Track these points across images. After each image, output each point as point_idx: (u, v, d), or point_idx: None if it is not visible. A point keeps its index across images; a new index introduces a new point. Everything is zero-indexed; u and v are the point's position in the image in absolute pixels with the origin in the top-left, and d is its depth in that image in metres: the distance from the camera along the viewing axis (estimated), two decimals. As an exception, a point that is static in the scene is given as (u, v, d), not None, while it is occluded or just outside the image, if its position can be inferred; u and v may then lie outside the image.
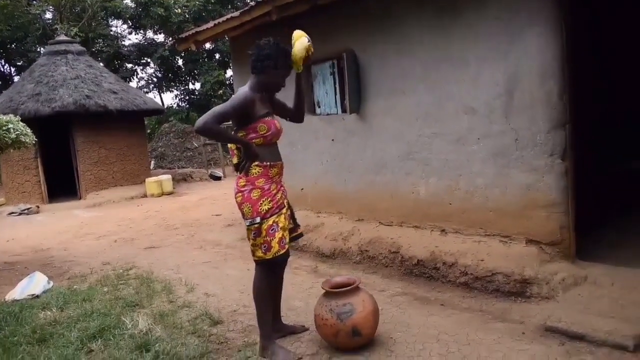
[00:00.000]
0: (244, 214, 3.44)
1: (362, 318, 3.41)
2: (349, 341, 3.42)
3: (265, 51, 3.42)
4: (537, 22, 4.15)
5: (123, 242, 7.96)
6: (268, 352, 3.44)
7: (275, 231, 3.40)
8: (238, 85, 7.73)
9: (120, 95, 14.23)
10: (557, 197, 4.24)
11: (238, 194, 3.46)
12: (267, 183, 3.46)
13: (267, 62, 3.42)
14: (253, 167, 3.43)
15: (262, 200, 3.39)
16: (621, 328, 3.38)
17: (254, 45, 3.51)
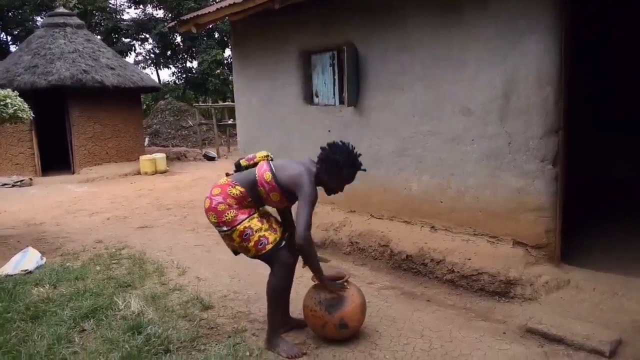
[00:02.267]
0: (210, 221, 3.49)
1: (350, 311, 3.51)
2: (335, 333, 3.53)
3: (337, 156, 3.40)
4: (537, 29, 4.21)
5: (116, 220, 8.02)
6: (273, 345, 3.50)
7: (250, 235, 3.38)
8: (237, 68, 7.77)
9: (117, 71, 14.17)
10: (545, 202, 4.34)
11: (207, 199, 3.47)
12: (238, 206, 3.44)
13: (334, 169, 3.42)
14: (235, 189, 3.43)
15: (228, 211, 3.39)
16: (599, 333, 3.50)
17: (335, 142, 3.51)
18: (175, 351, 3.46)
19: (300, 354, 3.45)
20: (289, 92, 6.80)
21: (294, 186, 3.32)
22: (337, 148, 3.45)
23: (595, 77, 7.15)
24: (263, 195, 3.46)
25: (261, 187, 3.42)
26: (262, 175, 3.41)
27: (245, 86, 7.65)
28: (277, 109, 7.03)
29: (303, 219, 3.18)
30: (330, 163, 3.39)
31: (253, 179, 3.43)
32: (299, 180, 3.29)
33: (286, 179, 3.37)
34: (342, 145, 3.48)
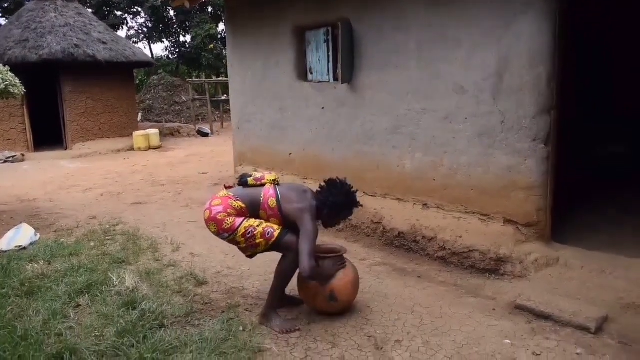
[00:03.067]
0: (210, 231, 3.55)
1: (341, 286, 3.57)
2: (325, 305, 3.61)
3: (337, 200, 3.54)
4: (531, 9, 4.20)
5: (109, 196, 8.03)
6: (267, 320, 3.57)
7: (253, 232, 3.44)
8: (231, 44, 7.72)
9: (109, 45, 14.05)
10: (536, 180, 4.38)
11: (207, 210, 3.52)
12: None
13: (334, 212, 3.59)
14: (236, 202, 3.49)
15: (227, 219, 3.44)
16: (586, 310, 3.57)
17: (335, 180, 3.64)
18: (170, 326, 3.51)
19: (292, 329, 3.50)
20: (283, 69, 6.77)
21: (296, 219, 3.44)
22: (336, 190, 3.58)
23: (594, 62, 7.15)
24: (262, 218, 3.52)
25: (263, 210, 3.50)
26: (267, 201, 3.50)
27: (239, 62, 7.61)
28: (271, 86, 7.01)
29: (306, 252, 3.29)
30: (330, 207, 3.54)
31: (257, 200, 3.51)
32: (302, 215, 3.42)
33: (290, 210, 3.47)
34: (340, 185, 3.61)
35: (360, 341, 3.35)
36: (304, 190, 3.63)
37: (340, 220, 3.73)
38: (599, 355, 3.15)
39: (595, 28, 7.14)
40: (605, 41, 7.42)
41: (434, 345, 3.29)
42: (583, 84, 7.05)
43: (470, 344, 3.29)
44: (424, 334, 3.42)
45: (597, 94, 7.49)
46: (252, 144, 7.56)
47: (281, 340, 3.37)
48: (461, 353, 3.19)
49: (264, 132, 7.27)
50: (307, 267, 3.28)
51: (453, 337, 3.38)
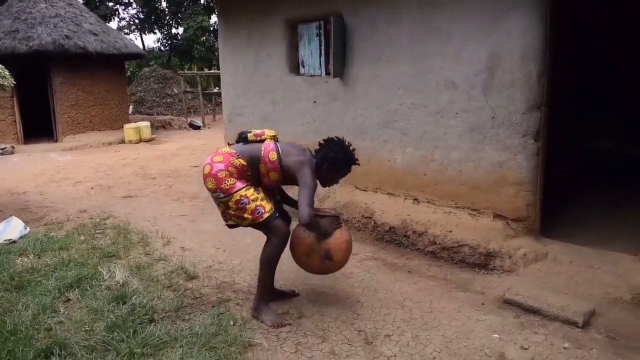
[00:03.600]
0: (207, 187, 3.50)
1: (337, 245, 3.55)
2: (319, 263, 3.59)
3: (336, 155, 3.57)
4: (523, 5, 4.22)
5: (100, 189, 7.99)
6: (259, 312, 3.59)
7: (246, 204, 3.42)
8: (223, 37, 7.69)
9: (100, 37, 13.92)
10: (526, 176, 4.41)
11: (207, 165, 3.50)
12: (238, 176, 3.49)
13: (333, 168, 3.60)
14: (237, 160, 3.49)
15: (228, 179, 3.43)
16: (573, 304, 3.61)
17: (333, 138, 3.68)
18: (160, 321, 3.51)
19: (283, 323, 3.52)
20: (274, 62, 6.75)
21: (296, 172, 3.44)
22: (335, 146, 3.61)
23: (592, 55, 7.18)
24: (262, 172, 3.53)
25: (263, 164, 3.51)
26: (268, 154, 3.51)
27: (231, 54, 7.58)
28: (263, 79, 6.99)
29: (305, 200, 3.31)
30: (330, 163, 3.56)
31: (257, 154, 3.52)
32: (302, 167, 3.43)
33: (290, 163, 3.48)
34: (339, 143, 3.64)
35: (350, 335, 3.37)
36: (303, 148, 3.64)
37: (339, 179, 3.72)
38: (586, 349, 3.19)
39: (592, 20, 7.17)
40: (601, 33, 7.44)
41: (423, 339, 3.31)
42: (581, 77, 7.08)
43: (459, 338, 3.32)
44: (414, 328, 3.45)
45: (594, 87, 7.51)
46: (244, 138, 7.53)
47: (271, 334, 3.39)
48: (450, 347, 3.22)
49: (255, 125, 7.24)
50: (306, 215, 3.28)
51: (442, 332, 3.41)
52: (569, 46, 6.22)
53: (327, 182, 3.72)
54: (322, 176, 3.62)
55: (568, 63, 6.15)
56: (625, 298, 3.75)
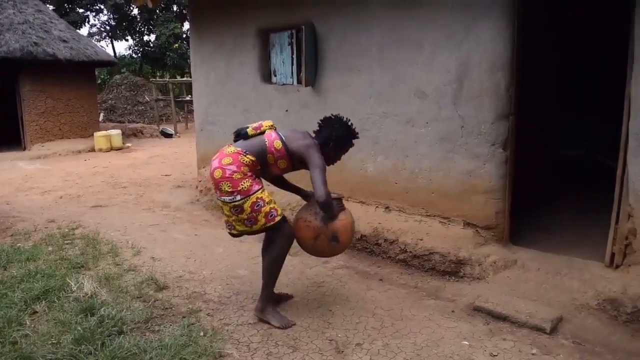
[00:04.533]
0: (221, 190, 3.47)
1: (343, 226, 3.63)
2: (326, 245, 3.65)
3: (340, 132, 3.68)
4: (491, 15, 4.29)
5: (69, 198, 7.85)
6: (265, 314, 3.65)
7: (262, 207, 3.46)
8: (195, 44, 7.66)
9: (70, 44, 13.72)
10: (495, 184, 4.48)
11: (218, 169, 3.48)
12: (252, 174, 3.54)
13: (338, 143, 3.69)
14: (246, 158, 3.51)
15: (244, 180, 3.44)
16: (541, 311, 3.67)
17: (330, 117, 3.77)
18: (129, 332, 3.45)
19: (290, 324, 3.60)
20: (247, 70, 6.75)
21: (303, 155, 3.53)
22: (335, 124, 3.70)
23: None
24: (270, 162, 3.59)
25: (270, 154, 3.56)
26: (273, 143, 3.56)
27: (203, 63, 7.55)
28: (235, 87, 6.97)
29: (319, 180, 3.40)
30: (334, 141, 3.66)
31: (263, 146, 3.56)
32: (309, 150, 3.52)
33: (296, 148, 3.55)
34: (338, 120, 3.74)
35: (321, 345, 3.36)
36: (303, 132, 3.73)
37: (342, 155, 3.83)
38: (553, 355, 3.24)
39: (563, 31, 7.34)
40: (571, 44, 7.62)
41: (394, 347, 3.33)
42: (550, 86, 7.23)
43: (430, 346, 3.34)
44: (385, 337, 3.46)
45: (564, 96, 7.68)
46: (216, 146, 7.45)
47: (242, 345, 3.37)
48: (420, 355, 3.24)
49: (227, 134, 7.18)
50: (324, 193, 3.38)
51: (413, 339, 3.43)
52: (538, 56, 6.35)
53: (332, 160, 3.78)
54: (327, 156, 3.67)
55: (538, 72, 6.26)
56: (592, 304, 3.82)
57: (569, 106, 7.71)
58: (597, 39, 7.27)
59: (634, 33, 3.66)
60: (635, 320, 3.55)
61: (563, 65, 7.54)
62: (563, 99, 7.68)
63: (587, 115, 7.54)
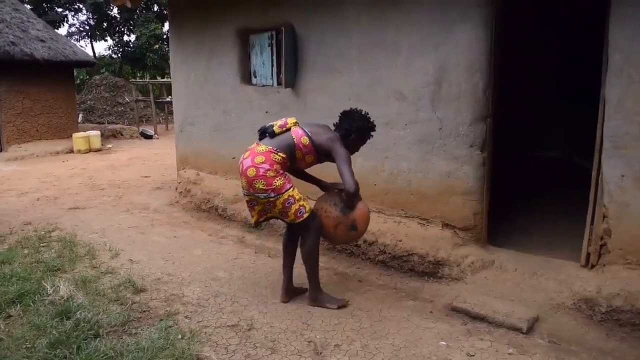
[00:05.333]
0: (255, 188, 3.66)
1: (360, 215, 3.89)
2: (346, 233, 3.92)
3: (360, 124, 3.91)
4: (469, 18, 4.33)
5: (46, 200, 7.75)
6: (320, 301, 3.91)
7: (292, 204, 3.69)
8: (174, 45, 7.62)
9: (48, 44, 13.55)
10: (473, 186, 4.52)
11: (251, 168, 3.65)
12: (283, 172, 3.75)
13: (359, 134, 3.93)
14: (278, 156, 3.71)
15: (277, 178, 3.63)
16: (518, 311, 3.71)
17: (350, 110, 3.99)
18: (105, 336, 3.42)
19: (345, 302, 3.92)
20: (226, 71, 6.72)
21: (329, 149, 3.77)
22: (356, 116, 3.93)
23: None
24: (299, 157, 3.82)
25: (299, 150, 3.78)
26: (300, 139, 3.78)
27: (182, 63, 7.50)
28: (215, 88, 6.94)
29: (347, 172, 3.65)
30: (356, 132, 3.88)
31: (292, 143, 3.77)
32: (334, 143, 3.77)
33: (321, 141, 3.79)
34: (357, 112, 3.96)
35: (299, 346, 3.36)
36: (326, 126, 3.98)
37: (362, 144, 4.06)
38: (529, 354, 3.27)
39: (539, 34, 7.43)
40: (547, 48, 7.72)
41: (372, 348, 3.33)
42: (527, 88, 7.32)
43: (408, 347, 3.36)
44: (363, 338, 3.47)
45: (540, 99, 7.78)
46: (195, 147, 7.47)
47: (220, 347, 3.35)
48: (398, 355, 3.25)
49: (207, 135, 7.19)
50: (353, 184, 3.64)
51: (391, 340, 3.44)
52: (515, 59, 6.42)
53: (352, 150, 3.96)
54: (349, 147, 3.86)
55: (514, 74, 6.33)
56: (567, 304, 3.86)
57: (548, 108, 7.82)
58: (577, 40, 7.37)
59: (608, 36, 3.71)
60: (610, 319, 3.60)
61: (541, 67, 7.64)
62: (542, 101, 7.78)
63: (565, 117, 7.65)
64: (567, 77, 7.56)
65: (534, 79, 7.61)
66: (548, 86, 7.76)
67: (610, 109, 3.73)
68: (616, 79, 3.66)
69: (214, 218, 6.49)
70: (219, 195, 6.57)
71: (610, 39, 3.69)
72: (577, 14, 6.82)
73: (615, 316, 3.58)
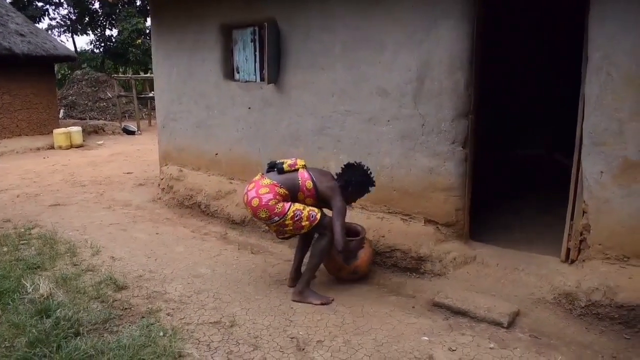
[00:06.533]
0: (260, 217, 3.91)
1: (361, 263, 4.27)
2: (348, 277, 4.33)
3: (359, 178, 4.11)
4: (451, 15, 4.34)
5: (26, 197, 7.65)
6: (304, 297, 3.99)
7: (301, 215, 3.87)
8: (156, 40, 7.55)
9: (28, 38, 13.38)
10: (455, 182, 4.54)
11: (255, 199, 3.87)
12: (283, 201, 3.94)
13: (356, 188, 4.12)
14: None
15: (278, 205, 3.84)
16: (499, 306, 3.74)
17: (353, 164, 4.21)
18: (86, 334, 3.39)
19: (330, 300, 3.98)
20: (209, 67, 6.67)
21: (328, 197, 3.99)
22: (357, 171, 4.14)
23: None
24: (300, 199, 4.01)
25: (301, 192, 4.00)
26: (305, 183, 4.00)
27: (165, 59, 7.43)
28: (197, 84, 6.89)
29: (339, 228, 3.85)
30: (354, 186, 4.09)
31: (297, 184, 3.99)
32: (334, 193, 3.99)
33: (323, 189, 4.01)
34: (359, 167, 4.17)
35: (282, 342, 3.36)
36: (329, 174, 4.23)
37: (358, 198, 4.26)
38: (510, 348, 3.31)
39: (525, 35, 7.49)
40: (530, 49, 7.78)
41: (355, 344, 3.35)
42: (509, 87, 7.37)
43: (390, 342, 3.37)
44: (346, 334, 3.48)
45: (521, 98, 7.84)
46: (178, 143, 7.41)
47: (202, 344, 3.34)
48: (381, 351, 3.26)
49: (189, 131, 7.14)
50: (342, 242, 3.84)
51: (374, 336, 3.46)
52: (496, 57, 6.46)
53: (349, 201, 4.19)
54: (346, 197, 4.08)
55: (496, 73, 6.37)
56: (548, 298, 3.91)
57: (530, 107, 7.88)
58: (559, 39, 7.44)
59: (588, 35, 3.75)
60: (589, 313, 3.65)
61: (524, 66, 7.70)
62: (525, 99, 7.85)
63: (547, 115, 7.73)
64: (548, 75, 7.64)
65: (515, 77, 7.66)
66: (530, 84, 7.82)
67: (590, 107, 3.77)
68: (595, 77, 3.71)
69: (197, 214, 6.46)
70: (202, 191, 6.54)
71: (590, 37, 3.73)
72: (558, 13, 6.88)
73: (594, 310, 3.63)
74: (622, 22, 3.56)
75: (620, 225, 3.73)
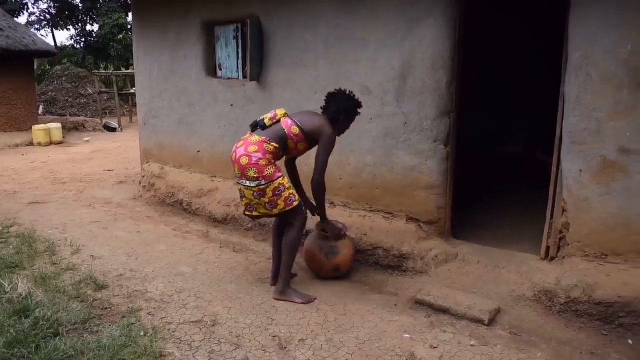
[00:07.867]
0: (247, 176, 3.77)
1: (343, 259, 4.29)
2: (330, 274, 4.32)
3: (346, 103, 4.02)
4: (434, 14, 4.36)
5: (4, 194, 7.53)
6: (286, 295, 3.95)
7: (282, 191, 3.81)
8: (137, 36, 7.48)
9: (6, 32, 13.19)
10: (437, 180, 4.57)
11: (244, 156, 3.77)
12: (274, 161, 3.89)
13: (347, 114, 4.05)
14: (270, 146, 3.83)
15: (268, 167, 3.75)
16: (480, 303, 3.77)
17: (334, 91, 4.08)
18: (66, 334, 3.35)
19: (312, 298, 3.94)
20: (191, 63, 6.62)
21: (318, 134, 3.90)
22: (341, 98, 4.03)
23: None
24: (291, 147, 3.96)
25: (290, 139, 3.92)
26: (290, 130, 3.91)
27: (146, 55, 7.36)
28: (179, 81, 6.84)
29: (320, 166, 3.89)
30: (344, 113, 4.01)
31: (283, 134, 3.89)
32: (323, 129, 3.90)
33: (311, 129, 3.91)
34: (341, 92, 4.06)
35: (264, 341, 3.35)
36: (314, 112, 4.10)
37: (350, 123, 4.15)
38: (490, 345, 3.34)
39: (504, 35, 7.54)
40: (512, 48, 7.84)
41: (337, 342, 3.35)
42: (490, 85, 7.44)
43: (372, 340, 3.38)
44: (328, 331, 3.48)
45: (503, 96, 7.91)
46: (159, 140, 7.35)
47: (184, 343, 3.32)
48: (362, 349, 3.27)
49: (171, 128, 7.09)
50: (317, 177, 3.93)
51: (355, 333, 3.46)
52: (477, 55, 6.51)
53: (342, 130, 4.15)
54: (339, 127, 4.05)
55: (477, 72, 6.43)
56: (528, 295, 3.95)
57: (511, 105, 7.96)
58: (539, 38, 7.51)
59: (568, 34, 3.79)
60: (568, 310, 3.69)
61: (504, 64, 7.76)
62: (506, 98, 7.92)
63: (528, 113, 7.80)
64: (529, 74, 7.70)
65: (497, 75, 7.72)
66: (511, 83, 7.89)
67: (569, 106, 3.81)
68: (575, 77, 3.75)
69: (178, 212, 6.41)
70: (184, 189, 6.49)
71: (570, 37, 3.77)
72: (539, 13, 6.94)
73: (573, 307, 3.67)
74: (601, 21, 3.60)
75: (598, 223, 3.78)
